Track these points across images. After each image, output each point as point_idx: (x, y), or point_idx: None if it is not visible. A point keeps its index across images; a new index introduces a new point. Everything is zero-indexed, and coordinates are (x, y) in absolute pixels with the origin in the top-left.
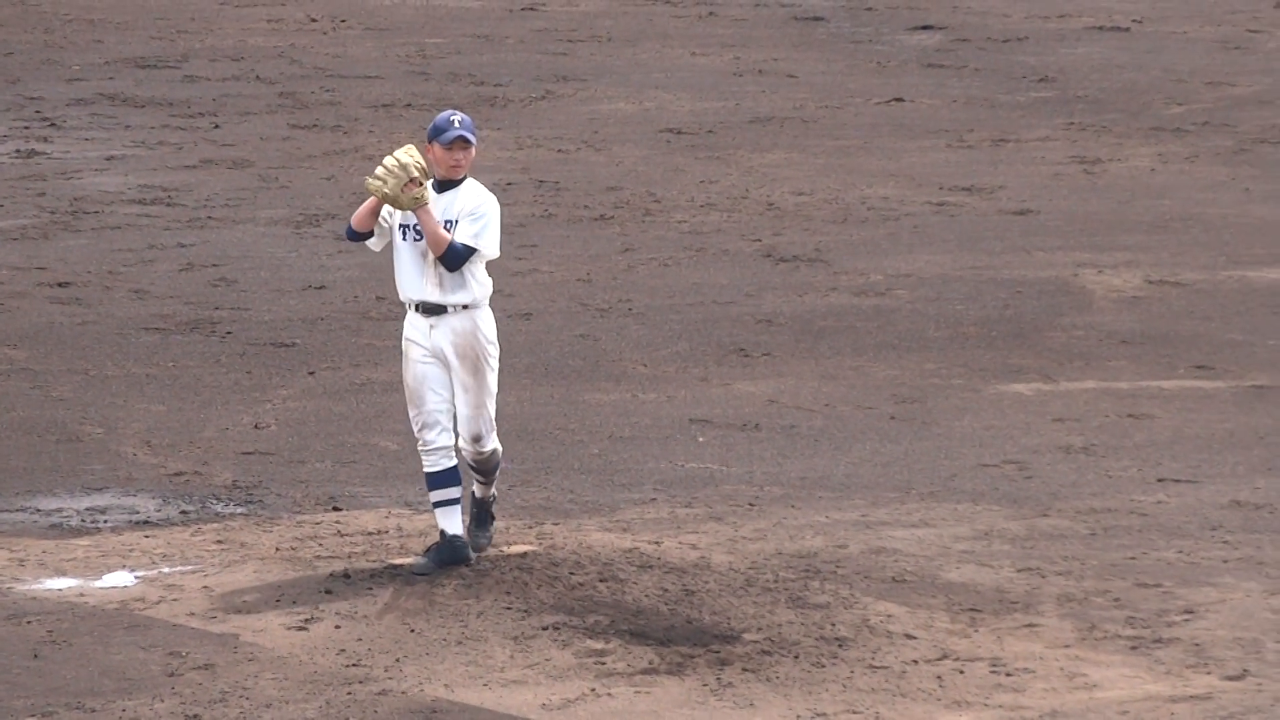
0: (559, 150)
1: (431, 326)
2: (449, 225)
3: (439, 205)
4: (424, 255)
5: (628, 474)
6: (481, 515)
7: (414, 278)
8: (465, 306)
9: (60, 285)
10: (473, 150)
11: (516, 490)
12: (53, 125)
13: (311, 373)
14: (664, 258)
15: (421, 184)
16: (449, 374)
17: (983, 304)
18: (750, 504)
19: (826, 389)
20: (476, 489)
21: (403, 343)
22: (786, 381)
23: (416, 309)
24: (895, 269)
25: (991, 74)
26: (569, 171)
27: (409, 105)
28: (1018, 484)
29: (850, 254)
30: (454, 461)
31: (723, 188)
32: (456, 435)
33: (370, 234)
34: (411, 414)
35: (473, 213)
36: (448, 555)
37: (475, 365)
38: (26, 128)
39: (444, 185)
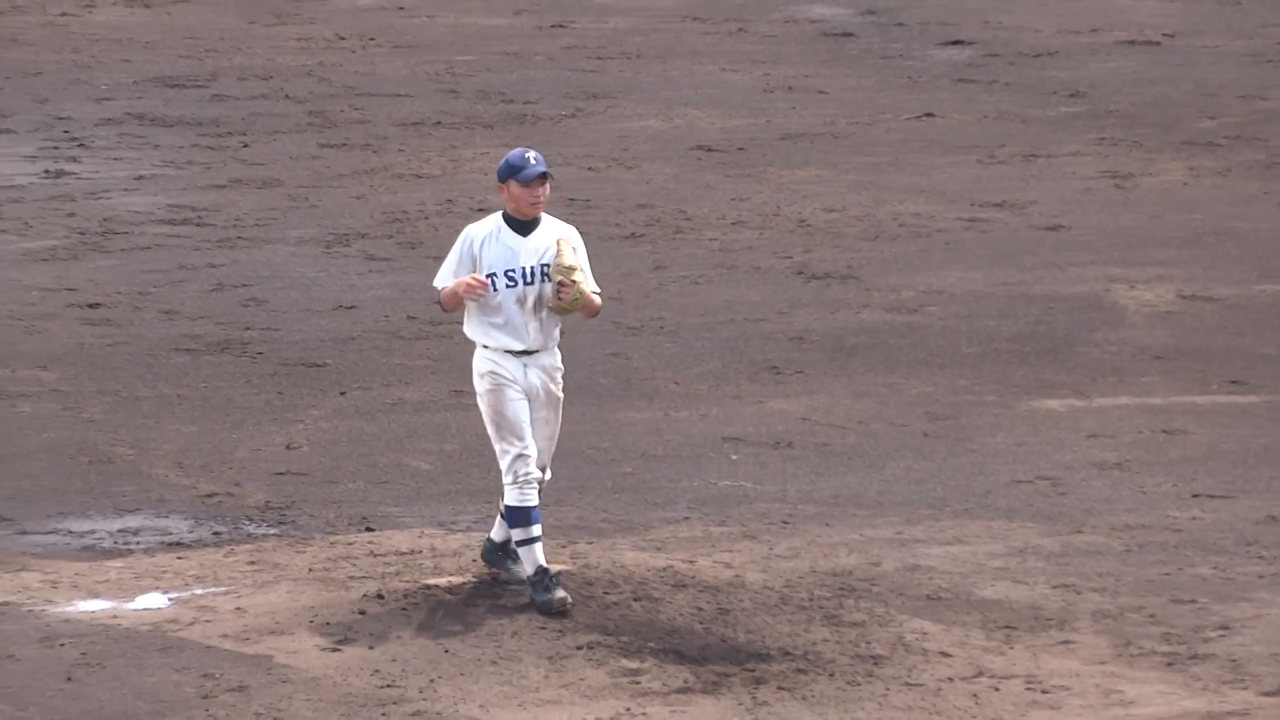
0: (589, 168)
1: (525, 365)
2: (544, 269)
3: (525, 249)
4: (521, 302)
5: (661, 492)
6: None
7: (517, 328)
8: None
9: (90, 306)
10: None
11: (550, 510)
12: (81, 145)
13: (343, 393)
14: (695, 275)
15: (573, 281)
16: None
17: (1015, 320)
18: (784, 522)
19: (859, 406)
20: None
21: (486, 380)
22: (819, 399)
23: (509, 352)
24: (927, 285)
25: (1022, 89)
26: (599, 189)
27: (438, 123)
28: (1052, 500)
29: (882, 270)
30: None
31: (754, 205)
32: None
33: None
34: (507, 447)
35: (575, 248)
36: (543, 596)
37: (558, 399)
38: (55, 148)
39: (522, 225)
